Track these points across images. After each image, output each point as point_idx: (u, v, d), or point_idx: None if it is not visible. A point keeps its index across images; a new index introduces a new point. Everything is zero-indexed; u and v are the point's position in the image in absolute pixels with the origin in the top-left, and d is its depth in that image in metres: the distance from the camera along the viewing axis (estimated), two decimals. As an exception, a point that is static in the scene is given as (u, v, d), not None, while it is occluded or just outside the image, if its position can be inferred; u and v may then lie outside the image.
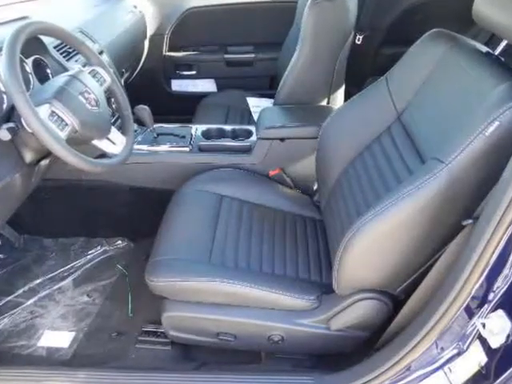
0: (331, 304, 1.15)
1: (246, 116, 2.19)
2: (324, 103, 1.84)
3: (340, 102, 1.90)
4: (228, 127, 1.77)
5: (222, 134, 1.74)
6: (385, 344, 1.06)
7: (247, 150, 1.66)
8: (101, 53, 1.66)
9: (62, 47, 1.43)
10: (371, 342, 1.17)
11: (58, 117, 1.03)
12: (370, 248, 1.00)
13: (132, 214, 1.78)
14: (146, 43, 2.36)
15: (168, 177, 1.64)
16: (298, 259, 1.30)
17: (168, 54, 2.52)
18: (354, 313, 1.12)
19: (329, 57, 1.74)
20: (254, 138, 1.70)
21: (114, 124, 1.47)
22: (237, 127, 1.77)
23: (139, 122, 1.64)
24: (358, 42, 2.31)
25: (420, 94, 1.16)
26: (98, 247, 1.84)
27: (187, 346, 1.38)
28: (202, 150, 1.66)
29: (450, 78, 1.08)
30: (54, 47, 1.40)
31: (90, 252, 1.82)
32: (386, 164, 1.17)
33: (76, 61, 1.46)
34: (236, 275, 1.18)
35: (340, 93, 1.89)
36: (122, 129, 1.32)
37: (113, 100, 1.48)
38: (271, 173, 1.64)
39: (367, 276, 1.06)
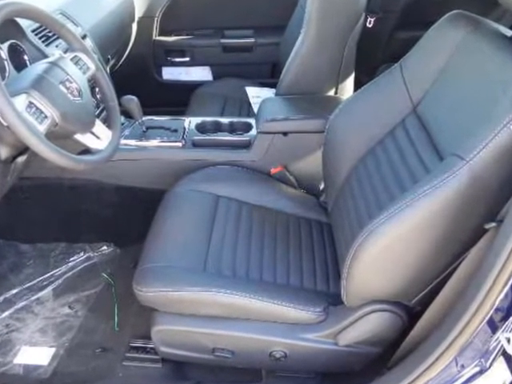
0: (339, 317, 1.15)
1: (244, 108, 2.19)
2: (331, 93, 1.85)
3: (349, 91, 1.90)
4: (225, 120, 1.77)
5: (218, 127, 1.75)
6: (399, 361, 1.06)
7: (246, 146, 1.66)
8: (84, 37, 1.66)
9: (41, 31, 1.43)
10: (383, 358, 1.17)
11: (37, 108, 1.03)
12: (383, 254, 0.99)
13: (118, 217, 1.78)
14: (134, 27, 2.36)
15: (158, 175, 1.64)
16: (303, 267, 1.30)
17: (158, 38, 2.52)
18: (365, 326, 1.12)
19: (337, 42, 1.74)
20: (253, 131, 1.70)
21: (98, 116, 1.48)
22: (235, 120, 1.78)
23: (126, 114, 1.64)
24: (370, 26, 2.31)
25: (438, 82, 1.16)
26: (81, 253, 1.84)
27: (180, 364, 1.39)
28: (196, 145, 1.66)
29: (470, 65, 1.08)
30: (32, 31, 1.39)
31: (71, 259, 1.82)
32: (400, 161, 1.17)
33: (56, 46, 1.46)
34: (234, 285, 1.18)
35: (349, 82, 1.89)
36: (108, 122, 1.32)
37: (97, 90, 1.49)
38: (273, 170, 1.64)
39: (379, 285, 1.06)
